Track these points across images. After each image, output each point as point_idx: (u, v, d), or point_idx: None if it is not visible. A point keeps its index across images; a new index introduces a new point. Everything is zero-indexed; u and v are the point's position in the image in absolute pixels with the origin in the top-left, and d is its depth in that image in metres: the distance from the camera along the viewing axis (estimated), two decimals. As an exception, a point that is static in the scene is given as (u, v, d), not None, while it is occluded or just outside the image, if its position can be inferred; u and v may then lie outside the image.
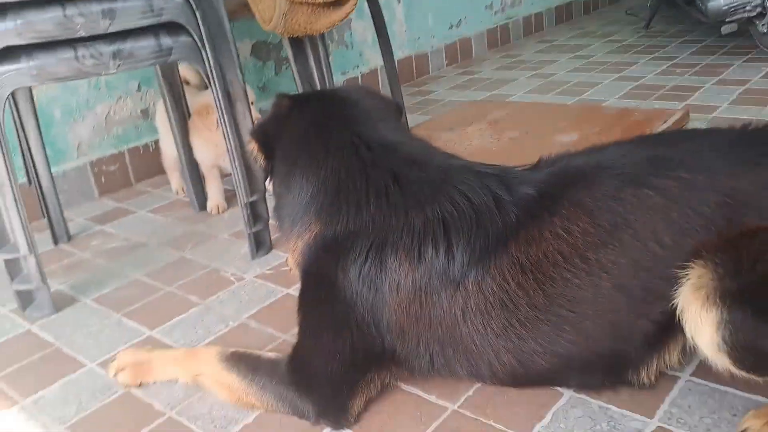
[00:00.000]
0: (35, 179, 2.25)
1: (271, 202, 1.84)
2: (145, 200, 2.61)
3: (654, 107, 2.90)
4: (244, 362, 1.39)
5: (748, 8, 3.37)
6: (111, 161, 2.67)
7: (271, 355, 1.43)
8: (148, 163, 2.77)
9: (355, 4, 2.22)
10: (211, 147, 2.30)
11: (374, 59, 3.70)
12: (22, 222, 1.71)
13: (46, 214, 2.27)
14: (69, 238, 2.31)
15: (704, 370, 1.21)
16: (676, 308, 1.10)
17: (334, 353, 1.28)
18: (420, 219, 1.22)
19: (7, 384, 1.57)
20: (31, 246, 1.74)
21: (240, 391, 1.37)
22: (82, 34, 1.59)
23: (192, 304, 1.82)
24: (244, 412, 1.37)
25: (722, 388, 1.26)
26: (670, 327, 1.14)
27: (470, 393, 1.34)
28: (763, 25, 3.40)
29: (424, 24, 4.02)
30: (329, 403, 1.30)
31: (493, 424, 1.25)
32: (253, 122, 1.93)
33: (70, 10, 1.57)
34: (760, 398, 1.22)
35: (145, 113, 2.76)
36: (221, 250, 2.12)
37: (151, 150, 2.77)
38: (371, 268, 1.23)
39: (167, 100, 2.28)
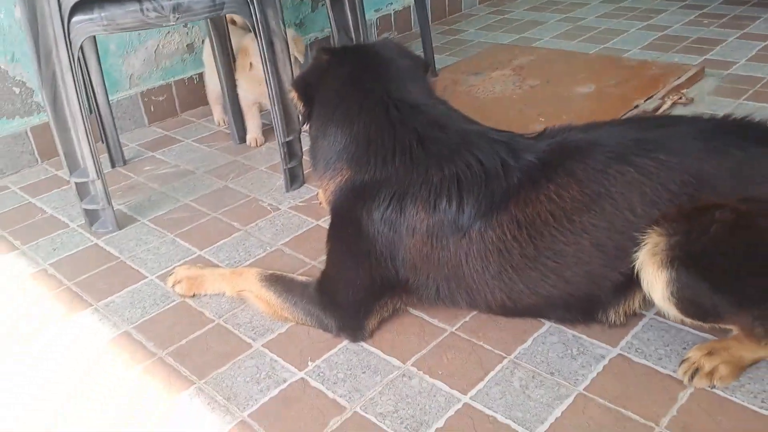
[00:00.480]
0: (95, 107, 2.50)
1: (305, 142, 2.08)
2: (190, 130, 2.85)
3: (673, 60, 3.02)
4: (280, 282, 1.66)
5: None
6: (159, 92, 2.90)
7: (303, 278, 1.70)
8: (193, 94, 3.00)
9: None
10: (251, 86, 2.50)
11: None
12: (92, 150, 1.97)
13: (104, 140, 2.53)
14: (125, 162, 2.58)
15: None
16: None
17: (355, 280, 1.55)
18: (438, 175, 1.44)
19: (82, 289, 1.87)
20: (99, 171, 2.01)
21: (276, 306, 1.64)
22: (146, -11, 1.80)
23: (234, 230, 2.09)
24: (279, 323, 1.65)
25: (678, 326, 1.50)
26: (634, 279, 1.36)
27: (467, 319, 1.60)
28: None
29: (459, -39, 4.10)
30: (349, 320, 1.57)
31: (483, 344, 1.52)
32: (292, 69, 2.13)
33: (136, -33, 1.77)
34: (707, 335, 1.46)
35: (191, 48, 2.97)
36: (259, 181, 2.37)
37: (195, 82, 3.00)
38: (392, 212, 1.46)
39: (213, 39, 2.48)
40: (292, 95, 1.69)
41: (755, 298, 1.27)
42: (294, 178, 2.26)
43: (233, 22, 2.65)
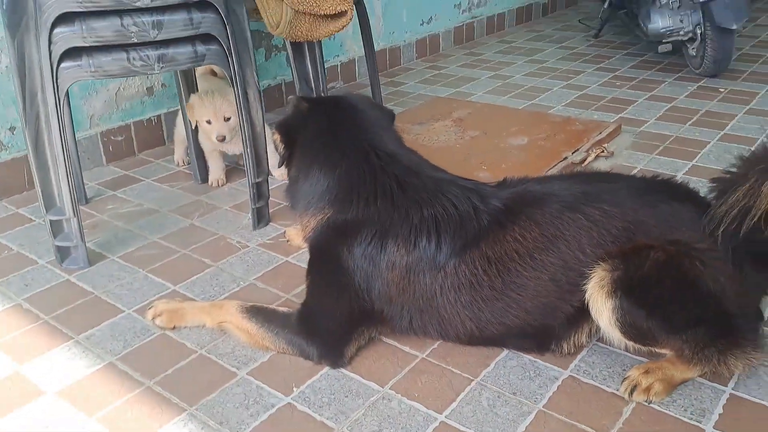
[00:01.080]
0: (59, 147, 2.55)
1: (272, 183, 2.23)
2: (149, 170, 2.93)
3: (593, 117, 3.38)
4: (261, 313, 1.79)
5: (681, 33, 3.87)
6: (118, 132, 2.98)
7: (283, 309, 1.83)
8: (151, 135, 3.08)
9: (351, 19, 2.59)
10: (205, 139, 2.64)
11: (353, 50, 4.07)
12: (70, 189, 2.05)
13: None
14: (86, 200, 2.63)
15: (606, 339, 1.68)
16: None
17: (334, 310, 1.70)
18: (417, 217, 1.63)
19: (60, 323, 1.92)
20: (76, 209, 2.09)
21: (257, 336, 1.77)
22: (135, 40, 1.92)
23: (206, 266, 2.20)
24: (260, 353, 1.77)
25: (618, 351, 1.73)
26: (584, 311, 1.59)
27: (434, 346, 1.78)
28: (692, 48, 3.91)
29: (399, 19, 4.40)
30: (329, 348, 1.71)
31: (452, 369, 1.70)
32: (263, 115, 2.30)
33: (126, 20, 1.90)
34: (641, 359, 1.70)
35: (150, 90, 3.07)
36: (225, 220, 2.49)
37: (153, 123, 3.09)
38: (374, 248, 1.64)
39: (180, 83, 2.60)
40: (276, 137, 1.84)
41: (682, 324, 1.52)
42: (261, 217, 2.40)
43: (213, 73, 2.79)
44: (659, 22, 3.91)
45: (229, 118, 2.50)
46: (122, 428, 1.55)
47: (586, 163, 2.82)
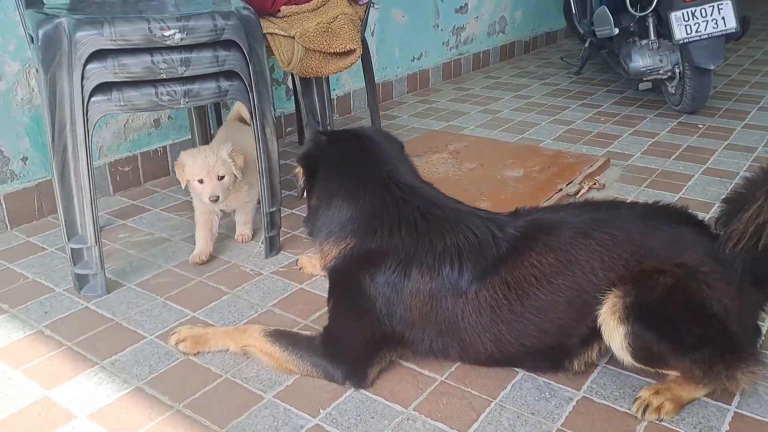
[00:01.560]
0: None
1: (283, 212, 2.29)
2: (156, 200, 2.99)
3: (582, 151, 3.53)
4: (285, 337, 1.86)
5: (661, 72, 4.08)
6: (126, 163, 3.04)
7: (306, 333, 1.90)
8: (157, 165, 3.15)
9: (359, 56, 2.71)
10: (196, 201, 2.47)
11: (348, 84, 4.20)
12: (93, 219, 2.10)
13: (77, 208, 2.63)
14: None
15: (616, 361, 1.78)
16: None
17: (357, 334, 1.78)
18: (440, 245, 1.73)
19: (83, 349, 1.97)
20: (97, 238, 2.14)
21: (281, 359, 1.83)
22: (163, 76, 2.01)
23: (222, 293, 2.26)
24: (284, 376, 1.83)
25: (626, 372, 1.83)
26: (596, 331, 1.69)
27: (452, 369, 1.86)
28: (671, 87, 4.12)
29: (392, 55, 4.55)
30: (353, 370, 1.78)
31: (471, 390, 1.78)
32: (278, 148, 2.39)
33: (157, 58, 1.98)
34: (649, 379, 1.80)
35: (157, 122, 3.14)
36: (237, 248, 2.56)
37: (159, 154, 3.16)
38: (398, 276, 1.72)
39: (193, 120, 2.69)
40: (298, 170, 1.92)
41: (690, 346, 1.62)
42: (273, 246, 2.47)
43: (241, 120, 2.78)
44: (640, 62, 4.11)
45: (222, 177, 2.32)
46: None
47: (580, 194, 2.96)
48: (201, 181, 2.33)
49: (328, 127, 2.89)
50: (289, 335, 1.89)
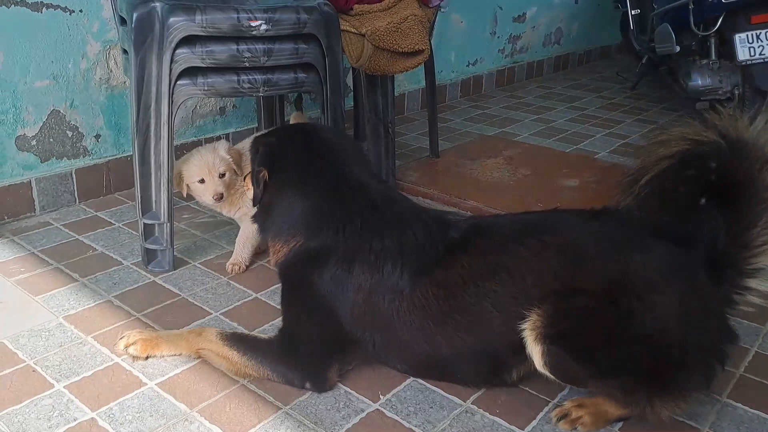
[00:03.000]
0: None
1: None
2: (217, 184, 3.08)
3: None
4: (242, 341, 1.82)
5: (719, 93, 4.05)
6: (190, 147, 3.10)
7: (263, 336, 1.88)
8: (219, 152, 3.24)
9: (427, 57, 2.76)
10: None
11: (404, 85, 4.27)
12: (168, 196, 2.19)
13: (145, 187, 2.72)
14: (163, 209, 2.77)
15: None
16: None
17: (310, 334, 1.77)
18: (381, 245, 1.71)
19: (151, 321, 2.04)
20: (170, 215, 2.22)
21: (240, 364, 1.78)
22: (246, 65, 2.08)
23: (283, 278, 2.32)
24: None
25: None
26: None
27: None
28: (729, 108, 4.08)
29: (448, 59, 4.60)
30: (311, 373, 1.75)
31: (529, 390, 1.79)
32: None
33: (242, 47, 2.06)
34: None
35: (222, 110, 3.24)
36: (296, 237, 2.62)
37: (221, 141, 3.25)
38: (342, 272, 1.71)
39: (260, 113, 2.76)
40: (262, 173, 1.79)
41: (609, 371, 1.56)
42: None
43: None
44: (699, 81, 4.09)
45: (223, 174, 2.24)
46: (223, 420, 1.65)
47: (634, 208, 2.96)
48: (202, 182, 2.23)
49: (389, 125, 2.94)
50: (247, 339, 1.86)
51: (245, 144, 2.35)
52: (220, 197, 2.23)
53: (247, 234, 2.33)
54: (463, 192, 2.98)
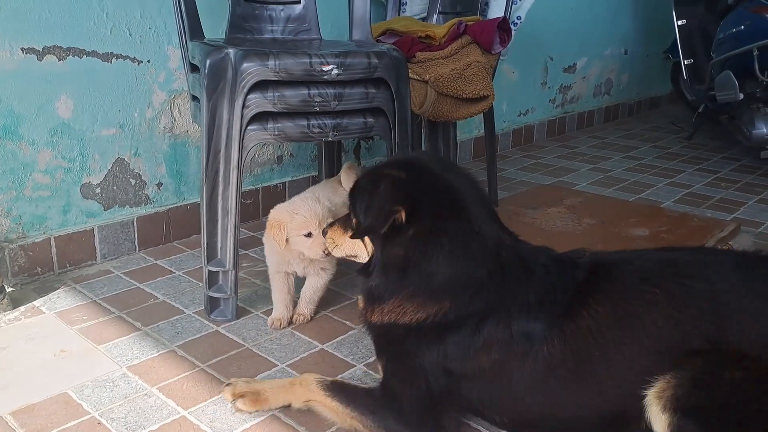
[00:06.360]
0: (203, 204, 2.68)
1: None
2: (275, 233, 3.03)
3: (707, 215, 3.39)
4: (343, 392, 1.70)
5: (786, 140, 3.92)
6: (248, 196, 3.11)
7: (363, 386, 1.78)
8: (276, 200, 3.17)
9: (492, 103, 2.72)
10: (282, 256, 2.20)
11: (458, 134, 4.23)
12: (234, 243, 2.14)
13: (205, 235, 2.69)
14: (222, 257, 2.73)
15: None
16: None
17: (419, 391, 1.60)
18: (515, 304, 1.53)
19: (216, 371, 1.96)
20: (235, 263, 2.17)
21: (344, 415, 1.68)
22: (317, 109, 2.06)
23: (348, 327, 2.23)
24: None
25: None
26: None
27: None
28: (797, 155, 3.95)
29: (499, 109, 4.56)
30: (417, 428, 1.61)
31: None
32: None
33: (313, 91, 2.04)
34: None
35: (280, 159, 3.22)
36: (359, 283, 2.54)
37: (279, 189, 3.22)
38: (469, 335, 1.54)
39: (322, 163, 2.72)
40: (400, 213, 1.52)
41: None
42: (398, 287, 2.44)
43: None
44: (764, 129, 3.98)
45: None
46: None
47: (709, 258, 2.82)
48: (309, 235, 2.06)
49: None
50: (348, 389, 1.73)
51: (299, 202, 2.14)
52: (328, 253, 1.99)
53: (316, 287, 2.24)
54: (531, 241, 2.86)
